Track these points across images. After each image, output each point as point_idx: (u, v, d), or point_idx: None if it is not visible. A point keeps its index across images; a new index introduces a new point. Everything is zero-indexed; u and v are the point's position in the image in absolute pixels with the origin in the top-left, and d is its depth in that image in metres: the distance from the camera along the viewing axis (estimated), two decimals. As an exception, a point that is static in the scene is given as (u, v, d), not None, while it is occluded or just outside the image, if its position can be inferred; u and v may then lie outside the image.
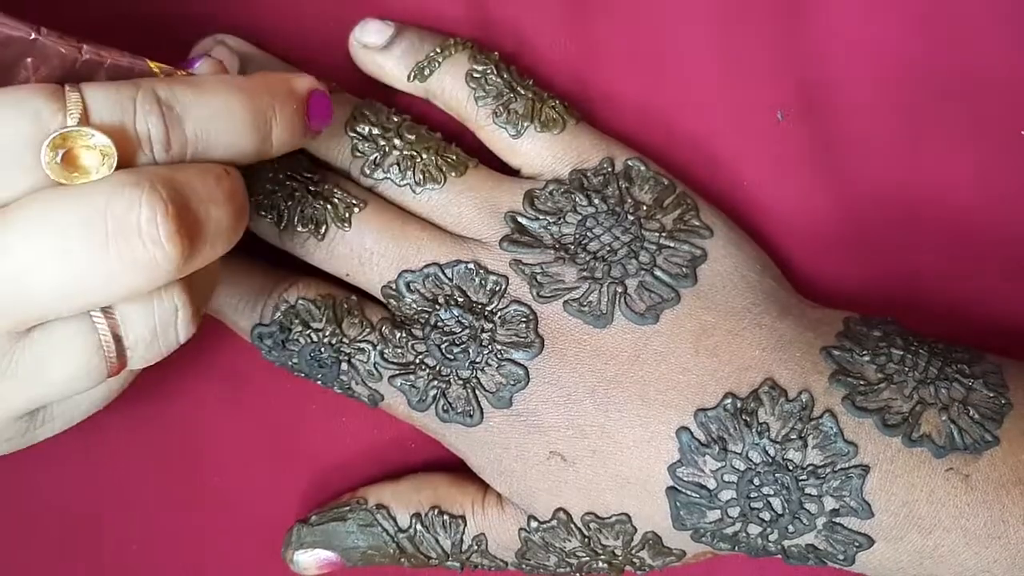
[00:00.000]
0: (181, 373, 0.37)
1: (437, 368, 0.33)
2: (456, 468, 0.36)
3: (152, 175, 0.26)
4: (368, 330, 0.34)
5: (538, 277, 0.33)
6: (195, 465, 0.37)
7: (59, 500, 0.36)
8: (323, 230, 0.34)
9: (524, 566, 0.35)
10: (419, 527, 0.35)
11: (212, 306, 0.35)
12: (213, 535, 0.37)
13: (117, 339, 0.28)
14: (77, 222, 0.25)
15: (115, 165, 0.26)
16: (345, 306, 0.34)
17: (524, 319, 0.33)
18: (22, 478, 0.36)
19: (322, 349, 0.34)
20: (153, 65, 0.29)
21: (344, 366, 0.34)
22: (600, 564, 0.34)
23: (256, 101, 0.29)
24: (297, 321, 0.34)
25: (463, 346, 0.33)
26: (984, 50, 0.36)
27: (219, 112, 0.28)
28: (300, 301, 0.34)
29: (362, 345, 0.34)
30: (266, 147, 0.29)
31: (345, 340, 0.34)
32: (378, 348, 0.34)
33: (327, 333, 0.34)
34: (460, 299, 0.34)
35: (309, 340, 0.34)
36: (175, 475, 0.37)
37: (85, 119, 0.26)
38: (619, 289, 0.33)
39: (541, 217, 0.34)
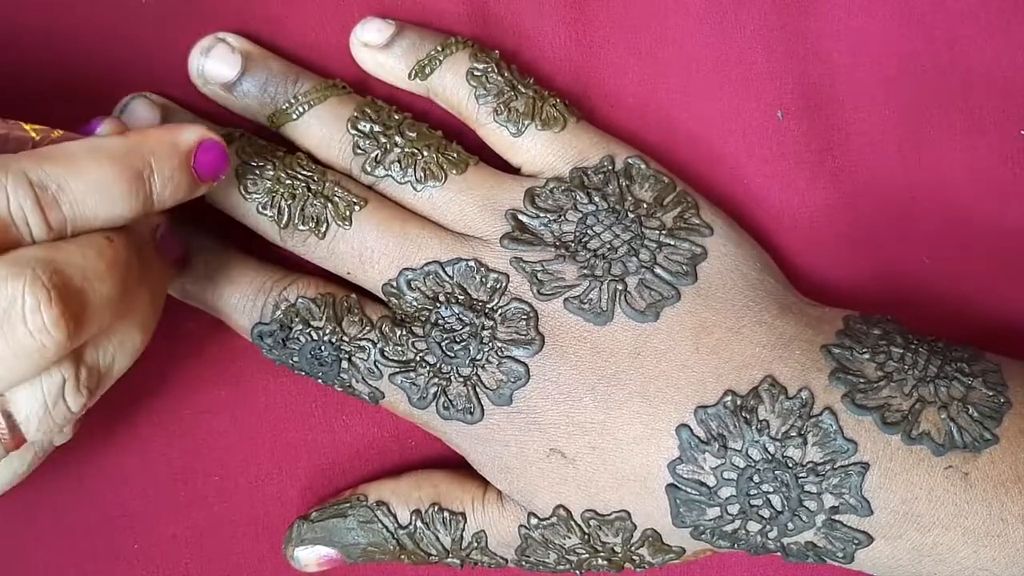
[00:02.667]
0: (182, 372, 0.37)
1: (438, 366, 0.34)
2: (456, 465, 0.36)
3: (33, 261, 0.27)
4: (368, 328, 0.34)
5: (539, 275, 0.33)
6: (196, 462, 0.37)
7: (61, 499, 0.37)
8: (324, 228, 0.34)
9: (524, 563, 0.35)
10: (419, 524, 0.35)
11: (213, 305, 0.35)
12: (214, 532, 0.37)
13: (7, 416, 0.28)
14: None
15: None
16: (345, 304, 0.34)
17: (524, 316, 0.33)
18: (22, 479, 0.36)
19: (322, 347, 0.34)
20: (29, 128, 0.29)
21: (344, 364, 0.34)
22: (600, 561, 0.34)
23: (130, 167, 0.29)
24: (297, 319, 0.34)
25: (464, 343, 0.33)
26: (983, 49, 0.36)
27: (93, 185, 0.28)
28: (300, 299, 0.34)
29: (362, 343, 0.34)
30: (148, 207, 0.30)
31: (345, 338, 0.34)
32: (378, 346, 0.34)
33: (327, 331, 0.34)
34: (461, 297, 0.34)
35: (309, 338, 0.34)
36: (176, 472, 0.37)
37: None
38: (619, 287, 0.33)
39: (542, 215, 0.34)
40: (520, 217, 0.34)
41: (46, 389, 0.28)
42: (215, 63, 0.35)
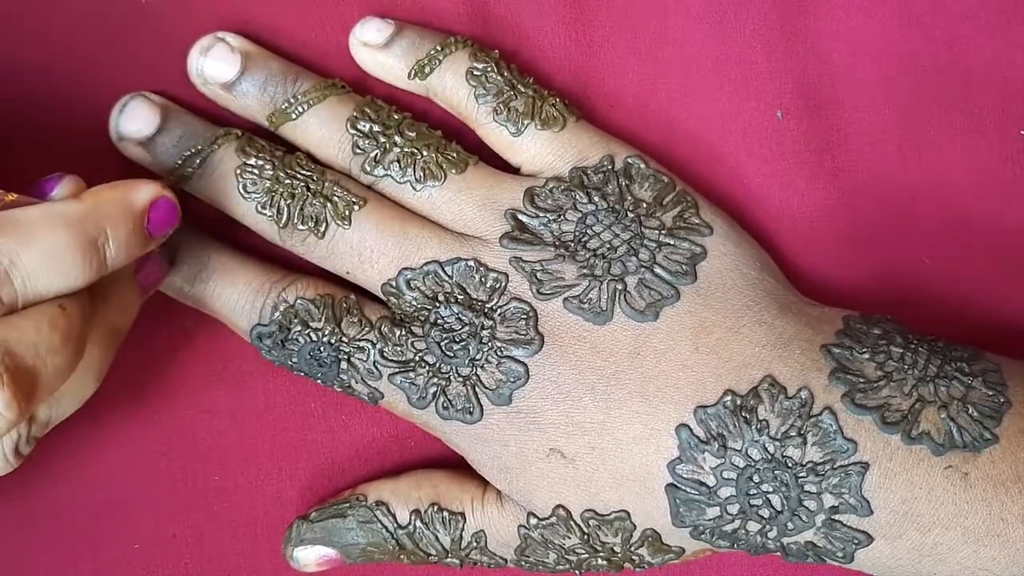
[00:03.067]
0: (182, 373, 0.37)
1: (437, 366, 0.33)
2: (456, 465, 0.36)
3: None
4: (367, 329, 0.34)
5: (538, 274, 0.33)
6: (196, 463, 0.37)
7: (61, 499, 0.37)
8: (323, 228, 0.34)
9: (523, 563, 0.35)
10: (419, 524, 0.35)
11: (211, 307, 0.35)
12: (214, 532, 0.37)
13: None
14: None
15: None
16: (344, 305, 0.34)
17: (524, 316, 0.33)
18: (23, 477, 0.36)
19: (321, 348, 0.34)
20: None
21: (344, 365, 0.34)
22: (599, 561, 0.34)
23: (85, 234, 0.29)
24: (296, 320, 0.34)
25: (463, 343, 0.33)
26: (983, 49, 0.36)
27: (47, 256, 0.28)
28: (299, 300, 0.34)
29: (361, 344, 0.34)
30: (102, 272, 0.29)
31: (344, 339, 0.34)
32: (377, 346, 0.34)
33: (326, 332, 0.34)
34: (460, 296, 0.34)
35: (308, 339, 0.34)
36: (176, 473, 0.37)
37: None
38: (619, 286, 0.33)
39: (541, 215, 0.34)
40: (520, 217, 0.34)
41: (5, 447, 0.29)
42: (214, 63, 0.35)
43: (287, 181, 0.34)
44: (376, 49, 0.36)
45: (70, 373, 0.29)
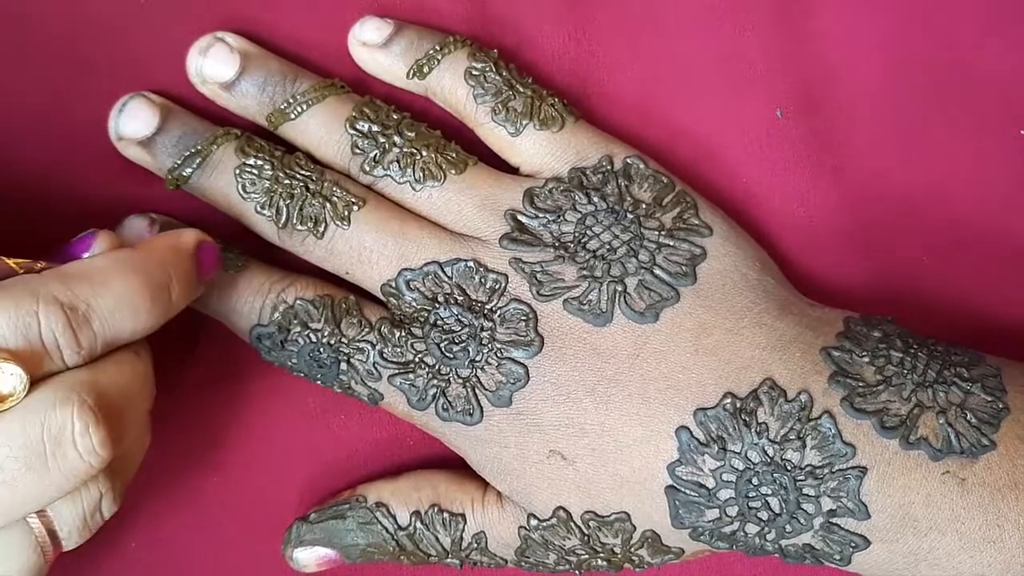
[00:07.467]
0: (180, 373, 0.37)
1: (436, 367, 0.34)
2: (456, 466, 0.36)
3: (78, 386, 0.27)
4: (367, 330, 0.34)
5: (538, 275, 0.33)
6: (194, 463, 0.37)
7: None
8: (322, 228, 0.34)
9: (524, 564, 0.35)
10: (419, 525, 0.35)
11: (211, 307, 0.35)
12: (212, 533, 0.37)
13: (51, 533, 0.29)
14: (14, 451, 0.26)
15: (29, 384, 0.27)
16: (343, 306, 0.34)
17: (524, 317, 0.33)
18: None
19: (321, 349, 0.34)
20: (11, 263, 0.28)
21: (343, 366, 0.34)
22: (599, 562, 0.34)
23: (155, 277, 0.30)
24: (295, 321, 0.34)
25: (463, 345, 0.33)
26: (983, 49, 0.36)
27: (122, 300, 0.29)
28: (298, 301, 0.34)
29: (361, 345, 0.34)
30: (168, 315, 0.30)
31: (344, 340, 0.34)
32: (377, 347, 0.34)
33: (326, 333, 0.34)
34: (460, 297, 0.34)
35: (308, 340, 0.34)
36: (174, 473, 0.37)
37: None
38: (619, 288, 0.33)
39: (541, 215, 0.34)
40: (519, 217, 0.34)
41: (86, 505, 0.29)
42: (213, 62, 0.35)
43: (286, 181, 0.34)
44: (375, 49, 0.35)
45: (146, 419, 0.30)
